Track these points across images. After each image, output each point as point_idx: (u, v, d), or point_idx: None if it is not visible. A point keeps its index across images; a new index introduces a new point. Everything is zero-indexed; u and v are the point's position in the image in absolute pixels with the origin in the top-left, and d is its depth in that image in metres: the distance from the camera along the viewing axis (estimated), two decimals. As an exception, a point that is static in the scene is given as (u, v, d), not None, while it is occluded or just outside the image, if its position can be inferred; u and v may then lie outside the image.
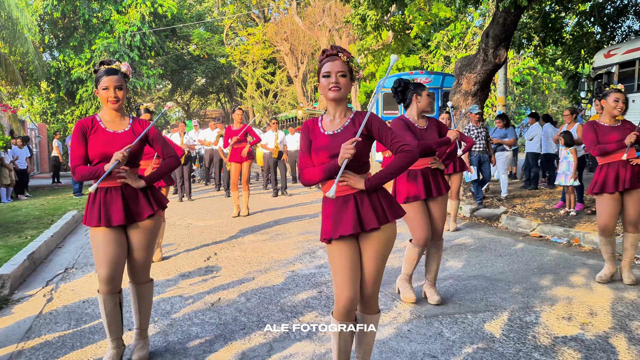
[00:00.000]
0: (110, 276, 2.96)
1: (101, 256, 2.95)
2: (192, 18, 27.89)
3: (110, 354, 3.07)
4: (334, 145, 2.46)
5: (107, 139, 2.99)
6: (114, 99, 2.98)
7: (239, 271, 5.21)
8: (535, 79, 25.31)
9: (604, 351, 3.15)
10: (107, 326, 3.04)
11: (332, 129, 2.52)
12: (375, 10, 10.74)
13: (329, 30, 21.05)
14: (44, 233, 6.77)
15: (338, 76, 2.44)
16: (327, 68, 2.46)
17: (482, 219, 7.99)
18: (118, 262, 2.98)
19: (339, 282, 2.46)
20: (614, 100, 4.47)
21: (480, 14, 20.81)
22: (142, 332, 3.21)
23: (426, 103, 4.05)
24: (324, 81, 2.47)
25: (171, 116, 45.05)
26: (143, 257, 3.10)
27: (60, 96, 22.98)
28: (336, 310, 2.50)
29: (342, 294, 2.45)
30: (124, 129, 3.06)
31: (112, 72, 2.99)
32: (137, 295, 3.17)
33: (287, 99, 29.42)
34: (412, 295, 4.10)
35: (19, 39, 15.91)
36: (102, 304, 3.00)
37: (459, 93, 9.79)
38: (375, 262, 2.51)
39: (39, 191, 14.31)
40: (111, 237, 2.98)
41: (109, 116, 3.07)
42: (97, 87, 3.01)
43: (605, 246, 4.59)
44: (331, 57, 2.48)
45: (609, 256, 4.58)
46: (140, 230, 3.06)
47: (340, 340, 2.54)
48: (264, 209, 9.52)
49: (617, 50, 9.39)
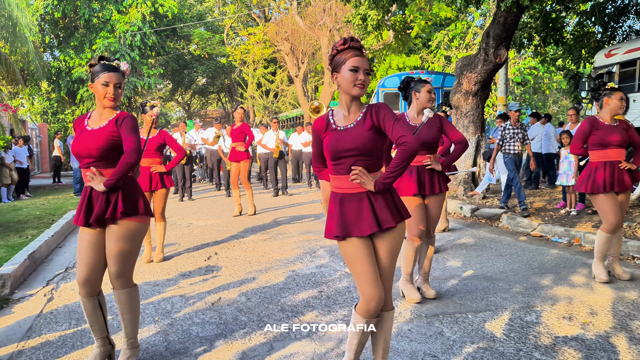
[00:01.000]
0: (86, 278, 2.90)
1: (79, 257, 2.92)
2: (192, 18, 27.89)
3: (95, 354, 3.04)
4: (345, 140, 2.43)
5: (83, 135, 2.91)
6: (112, 96, 2.90)
7: (240, 271, 5.21)
8: (536, 78, 25.29)
9: (605, 351, 3.14)
10: (90, 326, 3.01)
11: (345, 124, 2.48)
12: (376, 10, 10.74)
13: (329, 30, 21.04)
14: (45, 233, 6.77)
15: (365, 74, 2.41)
16: (355, 62, 2.38)
17: (483, 219, 7.98)
18: (95, 265, 2.92)
19: (367, 281, 2.42)
20: (619, 99, 4.47)
21: (480, 14, 20.80)
22: (129, 342, 3.04)
23: (425, 99, 3.97)
24: (350, 75, 2.39)
25: (172, 116, 45.07)
26: (117, 263, 2.90)
27: (60, 96, 22.98)
28: (366, 309, 2.45)
29: (374, 293, 2.42)
30: (100, 126, 2.92)
31: (113, 69, 2.91)
32: (118, 302, 2.99)
33: (288, 99, 29.44)
34: (416, 295, 4.08)
35: (19, 38, 15.91)
36: (82, 306, 2.99)
37: (460, 93, 9.80)
38: (390, 260, 2.52)
39: (39, 191, 14.32)
40: (91, 239, 2.92)
41: (97, 112, 2.98)
42: (93, 81, 2.89)
43: (607, 244, 4.58)
44: (355, 50, 2.42)
45: (604, 255, 4.62)
46: (115, 232, 2.90)
47: (363, 338, 2.55)
48: (265, 209, 9.52)
49: (617, 50, 9.37)
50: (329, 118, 2.53)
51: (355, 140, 2.41)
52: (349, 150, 2.41)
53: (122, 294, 2.97)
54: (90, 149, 2.88)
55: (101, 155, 2.89)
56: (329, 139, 2.47)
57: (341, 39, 2.45)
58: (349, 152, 2.41)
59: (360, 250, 2.45)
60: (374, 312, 2.46)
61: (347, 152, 2.42)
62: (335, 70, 2.45)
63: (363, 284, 2.44)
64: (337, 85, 2.46)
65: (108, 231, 2.93)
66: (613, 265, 4.67)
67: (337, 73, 2.44)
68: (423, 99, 3.97)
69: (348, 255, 2.48)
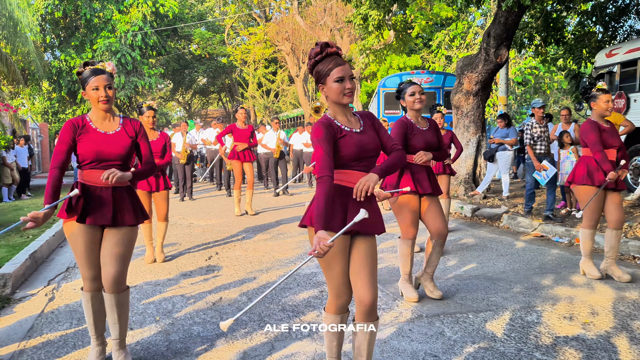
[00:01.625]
0: (95, 275, 2.97)
1: (85, 256, 2.94)
2: (193, 18, 27.91)
3: (96, 352, 3.07)
4: (367, 141, 2.47)
5: (99, 139, 2.94)
6: (104, 98, 2.92)
7: (240, 270, 5.21)
8: (537, 78, 25.29)
9: (606, 351, 3.14)
10: (93, 323, 3.04)
11: (357, 127, 2.50)
12: (377, 9, 10.73)
13: (330, 30, 21.05)
14: (46, 232, 6.78)
15: (350, 80, 2.41)
16: (339, 73, 2.37)
17: (484, 219, 7.98)
18: (98, 261, 2.99)
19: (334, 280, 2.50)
20: (605, 101, 4.52)
21: (481, 14, 20.80)
22: (121, 342, 3.07)
23: (410, 102, 3.99)
24: (337, 86, 2.38)
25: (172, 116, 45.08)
26: (116, 265, 2.93)
27: (61, 96, 23.00)
28: (340, 307, 2.54)
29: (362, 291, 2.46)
30: (115, 130, 3.01)
31: (99, 72, 2.93)
32: (115, 305, 2.97)
33: (288, 99, 29.45)
34: (414, 294, 4.10)
35: (20, 38, 15.92)
36: (88, 302, 3.00)
37: (461, 93, 9.79)
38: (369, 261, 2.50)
39: (40, 190, 14.32)
40: (94, 237, 2.96)
41: (99, 117, 3.01)
42: (84, 88, 2.95)
43: (591, 241, 4.71)
44: (335, 57, 2.41)
45: (591, 251, 4.76)
46: (118, 236, 2.97)
47: (341, 337, 2.61)
48: (265, 209, 9.53)
49: (618, 49, 9.36)
50: (335, 121, 2.47)
51: (374, 141, 2.50)
52: (371, 151, 2.48)
53: (121, 297, 2.97)
54: (114, 152, 2.96)
55: (125, 158, 3.01)
56: (349, 140, 2.43)
57: (317, 47, 2.41)
58: (371, 152, 2.48)
59: (341, 248, 2.46)
60: (343, 308, 2.55)
61: (370, 152, 2.47)
62: (320, 82, 2.44)
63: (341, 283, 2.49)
64: (325, 95, 2.46)
65: (110, 234, 2.96)
66: (611, 268, 4.67)
67: (323, 85, 2.43)
68: (408, 103, 4.01)
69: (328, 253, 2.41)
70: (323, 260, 2.44)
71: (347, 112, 2.51)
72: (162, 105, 36.73)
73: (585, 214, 4.67)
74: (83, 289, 3.03)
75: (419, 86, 4.03)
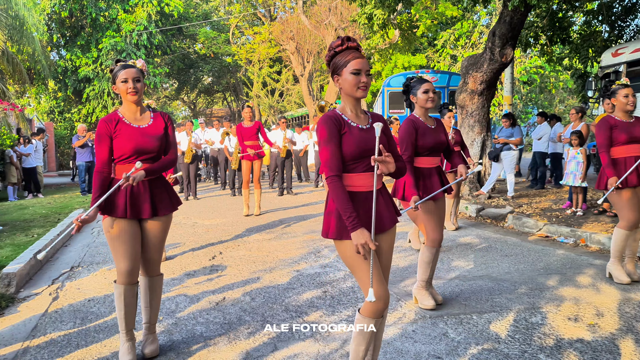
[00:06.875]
0: (131, 268, 3.07)
1: (123, 249, 3.04)
2: (198, 17, 27.95)
3: (128, 346, 3.11)
4: (366, 140, 2.40)
5: (136, 133, 3.06)
6: (133, 89, 3.03)
7: (244, 270, 5.21)
8: (542, 78, 25.19)
9: (611, 353, 3.12)
10: (124, 317, 3.10)
11: (364, 123, 2.46)
12: (381, 9, 10.71)
13: (335, 29, 21.02)
14: (50, 231, 6.80)
15: (366, 75, 2.39)
16: (357, 65, 2.36)
17: (488, 219, 7.95)
18: (138, 255, 3.11)
19: (369, 281, 2.37)
20: (624, 96, 4.46)
21: (487, 13, 20.73)
22: (151, 327, 3.28)
23: (423, 100, 3.83)
24: (353, 78, 2.37)
25: (177, 115, 45.19)
26: (158, 251, 3.22)
27: (67, 95, 23.11)
28: (375, 310, 2.40)
29: (382, 292, 2.40)
30: (148, 123, 3.14)
31: (129, 67, 3.07)
32: (149, 288, 3.26)
33: (293, 98, 29.43)
34: (431, 302, 3.95)
35: (26, 38, 16.01)
36: (121, 295, 3.06)
37: (466, 92, 9.76)
38: (390, 256, 2.58)
39: (46, 189, 14.38)
40: (134, 231, 3.09)
41: (130, 111, 3.12)
42: (114, 82, 3.08)
43: (624, 242, 4.56)
44: (354, 51, 2.39)
45: (622, 254, 4.59)
46: (160, 225, 3.18)
47: (371, 339, 2.49)
48: (270, 209, 9.52)
49: (625, 49, 9.31)
50: (343, 116, 2.44)
51: (380, 139, 2.42)
52: (373, 150, 2.38)
53: (156, 280, 3.28)
54: (151, 145, 3.09)
55: (160, 150, 3.15)
56: (353, 137, 2.39)
57: (338, 39, 2.42)
58: (373, 151, 2.39)
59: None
60: (382, 312, 2.44)
61: (371, 151, 2.39)
62: (336, 73, 2.43)
63: (366, 283, 2.40)
64: (339, 87, 2.45)
65: (150, 224, 3.16)
66: (627, 264, 4.65)
67: (339, 76, 2.42)
68: (421, 101, 3.84)
69: (351, 253, 2.39)
70: (354, 263, 2.40)
71: (357, 108, 2.48)
72: (167, 105, 36.79)
73: (621, 213, 4.53)
74: (116, 282, 3.10)
75: (432, 84, 3.87)
